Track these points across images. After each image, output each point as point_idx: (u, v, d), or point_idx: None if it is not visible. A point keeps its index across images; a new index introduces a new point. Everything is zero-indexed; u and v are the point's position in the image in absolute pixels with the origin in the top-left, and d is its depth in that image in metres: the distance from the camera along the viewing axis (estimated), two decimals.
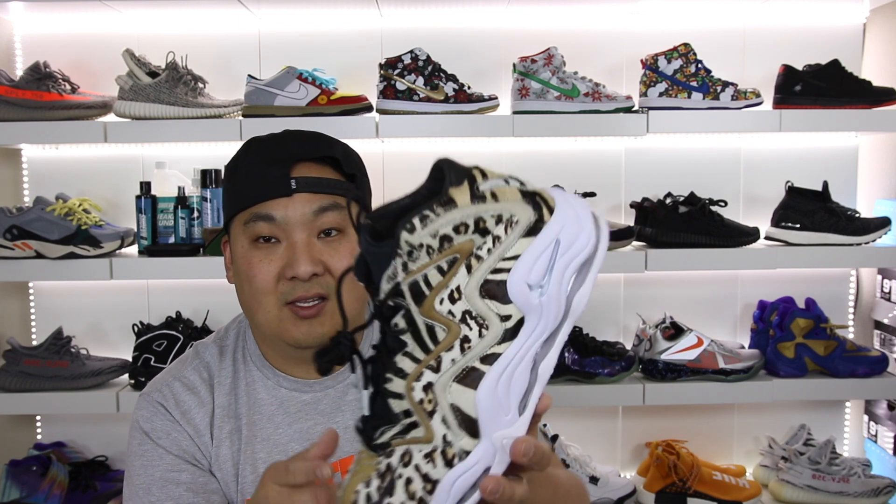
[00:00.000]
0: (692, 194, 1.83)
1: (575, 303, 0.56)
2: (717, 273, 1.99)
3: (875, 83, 1.80)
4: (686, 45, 1.77)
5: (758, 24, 1.96)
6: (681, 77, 1.76)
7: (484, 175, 0.57)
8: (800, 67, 1.81)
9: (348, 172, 0.92)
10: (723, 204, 1.82)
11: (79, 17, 1.87)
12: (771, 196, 1.93)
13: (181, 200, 1.79)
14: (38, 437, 1.99)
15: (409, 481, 0.54)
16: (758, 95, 1.77)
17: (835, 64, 1.79)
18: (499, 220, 0.55)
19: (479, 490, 0.55)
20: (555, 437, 1.83)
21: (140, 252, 1.80)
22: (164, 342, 1.77)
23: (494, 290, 0.55)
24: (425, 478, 0.54)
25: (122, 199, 1.93)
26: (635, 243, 1.84)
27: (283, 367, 0.96)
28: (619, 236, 1.77)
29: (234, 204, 0.91)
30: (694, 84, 1.76)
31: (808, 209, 1.81)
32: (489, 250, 0.55)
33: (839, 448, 2.01)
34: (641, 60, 1.79)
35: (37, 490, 1.76)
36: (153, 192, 1.82)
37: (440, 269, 0.55)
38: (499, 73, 1.92)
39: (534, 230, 0.55)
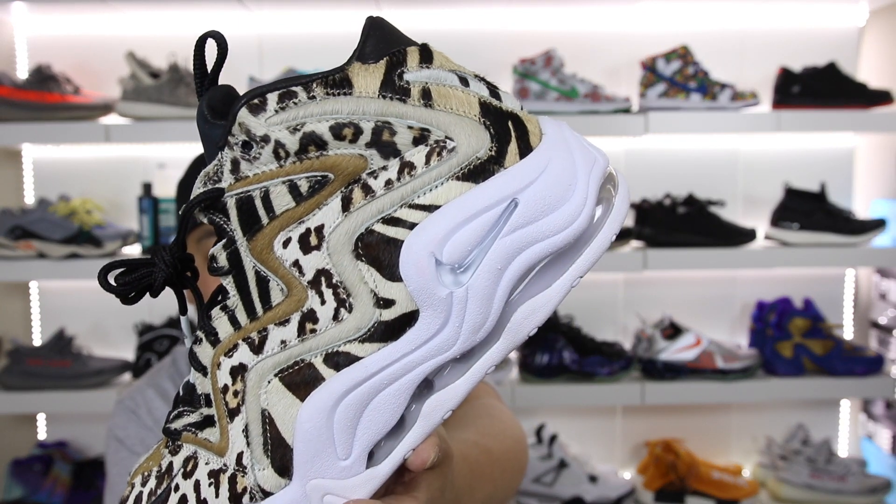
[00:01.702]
0: (691, 195, 1.84)
1: (518, 317, 0.35)
2: (715, 273, 2.00)
3: (871, 85, 1.82)
4: (685, 47, 1.79)
5: (756, 26, 1.97)
6: (679, 78, 1.77)
7: (427, 58, 0.36)
8: (797, 69, 1.82)
9: None
10: (721, 204, 1.83)
11: (81, 18, 1.88)
12: (769, 197, 1.95)
13: None
14: (41, 436, 2.00)
15: (183, 500, 0.37)
16: (756, 97, 1.78)
17: (832, 66, 1.81)
18: (421, 137, 0.35)
19: None
20: (554, 437, 1.84)
21: (142, 252, 1.81)
22: (165, 342, 1.78)
23: (379, 252, 0.35)
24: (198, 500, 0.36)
25: (123, 200, 1.94)
26: (634, 243, 1.85)
27: None
28: (619, 236, 1.77)
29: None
30: (692, 85, 1.77)
31: (806, 209, 1.83)
32: (388, 182, 0.34)
33: (836, 447, 2.03)
34: (640, 62, 1.81)
35: (39, 489, 1.78)
36: (155, 192, 1.83)
37: (294, 190, 0.35)
38: (498, 74, 1.93)
39: (479, 172, 0.35)
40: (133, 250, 1.84)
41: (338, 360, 0.35)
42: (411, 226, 0.34)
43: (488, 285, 0.34)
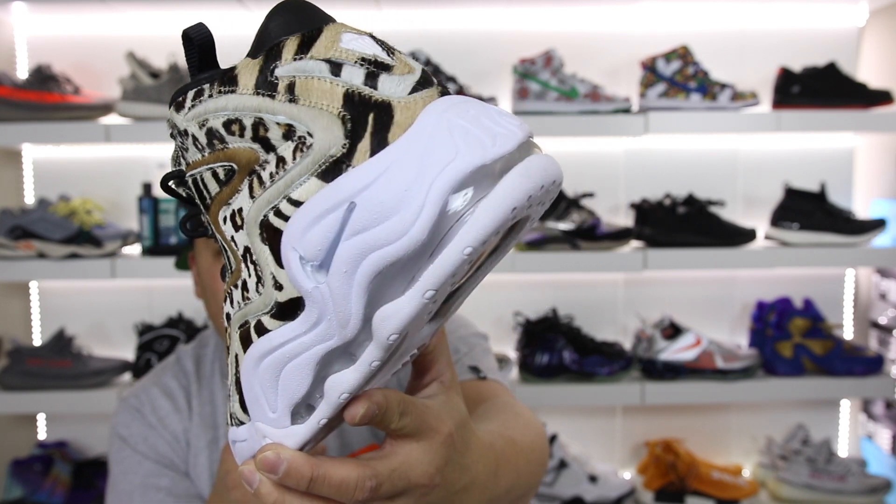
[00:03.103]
0: (691, 195, 1.84)
1: (375, 320, 0.35)
2: (715, 273, 2.00)
3: (871, 85, 1.82)
4: (685, 47, 1.79)
5: (756, 26, 1.97)
6: (679, 78, 1.77)
7: (305, 47, 0.36)
8: (797, 69, 1.82)
9: None
10: (721, 204, 1.83)
11: (81, 18, 1.89)
12: (769, 197, 1.95)
13: None
14: (41, 436, 2.00)
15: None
16: (755, 97, 1.78)
17: (832, 66, 1.81)
18: (288, 132, 0.35)
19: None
20: (553, 437, 1.84)
21: (142, 252, 1.81)
22: (166, 342, 1.78)
23: (273, 239, 0.37)
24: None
25: (124, 200, 1.94)
26: (634, 243, 1.85)
27: None
28: (619, 236, 1.78)
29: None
30: (692, 85, 1.77)
31: (806, 209, 1.83)
32: (272, 175, 0.36)
33: (836, 447, 2.03)
34: (640, 62, 1.81)
35: (39, 488, 1.78)
36: (155, 192, 1.83)
37: (216, 176, 0.38)
38: (498, 74, 1.93)
39: (331, 170, 0.35)
40: (133, 250, 1.84)
41: (259, 328, 0.39)
42: (287, 219, 0.36)
43: (341, 285, 0.34)
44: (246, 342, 0.39)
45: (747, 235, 1.81)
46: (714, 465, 1.89)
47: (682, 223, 1.81)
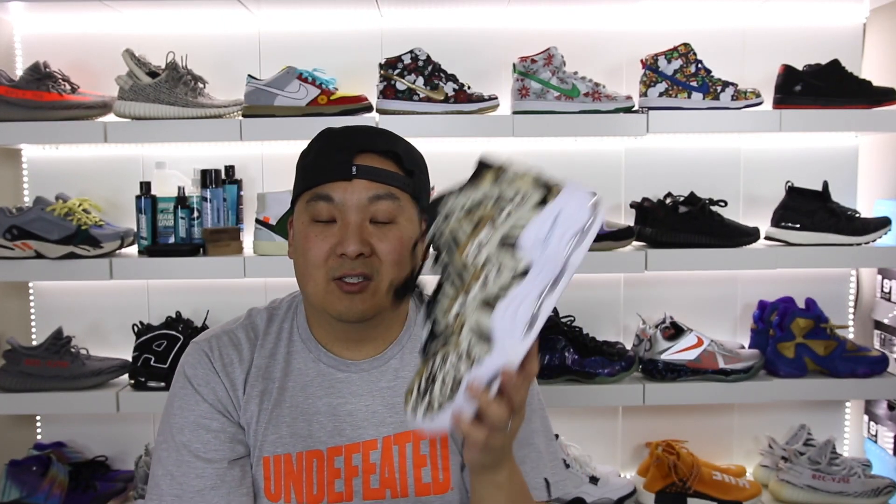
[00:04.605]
0: (692, 194, 1.83)
1: (571, 260, 0.75)
2: (717, 273, 1.99)
3: (875, 83, 1.81)
4: (686, 45, 1.78)
5: (758, 24, 1.96)
6: (681, 77, 1.76)
7: (509, 165, 0.78)
8: (800, 67, 1.81)
9: (408, 168, 0.98)
10: (723, 204, 1.82)
11: (79, 17, 1.88)
12: (771, 196, 1.93)
13: (181, 200, 1.80)
14: (39, 437, 1.99)
15: (444, 377, 0.77)
16: (758, 95, 1.77)
17: (835, 64, 1.79)
18: (513, 197, 0.76)
19: (496, 381, 0.76)
20: (555, 437, 1.83)
21: (140, 252, 1.80)
22: (163, 342, 1.77)
23: (510, 245, 0.75)
24: (455, 372, 0.78)
25: (122, 199, 1.93)
26: (635, 243, 1.84)
27: (326, 344, 1.03)
28: (619, 236, 1.77)
29: (301, 183, 1.00)
30: (694, 84, 1.76)
31: (808, 209, 1.81)
32: (507, 215, 0.75)
33: (839, 448, 2.02)
34: (641, 60, 1.79)
35: (37, 490, 1.76)
36: (153, 192, 1.82)
37: (471, 225, 0.76)
38: (499, 73, 1.92)
39: (541, 205, 0.75)
40: (131, 250, 1.83)
41: (504, 292, 0.75)
42: (520, 230, 0.75)
43: (556, 248, 0.74)
44: (492, 305, 0.75)
45: (750, 235, 1.80)
46: (716, 467, 1.88)
47: (683, 223, 1.79)
